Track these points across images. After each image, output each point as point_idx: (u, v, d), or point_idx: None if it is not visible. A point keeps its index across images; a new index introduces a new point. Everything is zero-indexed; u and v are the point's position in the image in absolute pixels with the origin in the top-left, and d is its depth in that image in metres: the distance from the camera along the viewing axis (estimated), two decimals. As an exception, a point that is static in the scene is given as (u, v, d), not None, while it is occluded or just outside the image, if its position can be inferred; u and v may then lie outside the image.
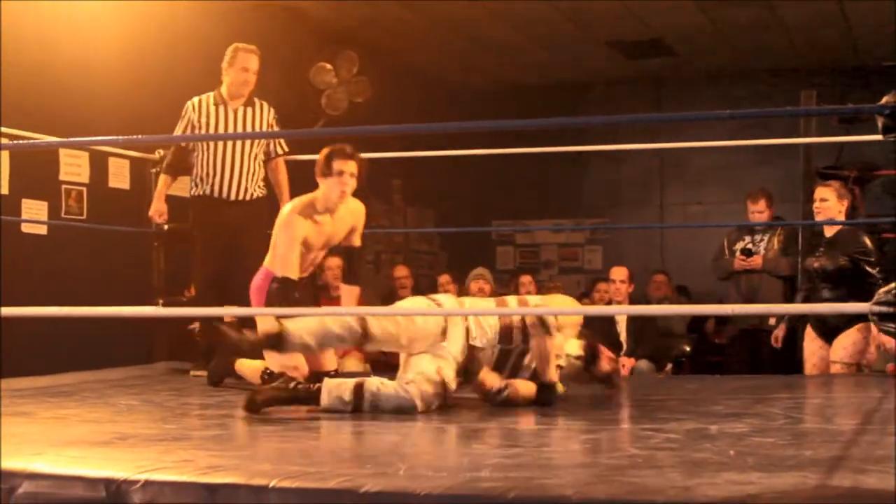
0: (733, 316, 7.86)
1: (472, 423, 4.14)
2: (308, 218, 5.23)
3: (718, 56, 11.05)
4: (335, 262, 8.57)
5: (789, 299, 7.31)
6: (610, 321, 7.94)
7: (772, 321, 7.27)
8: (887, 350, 6.17)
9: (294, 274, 5.17)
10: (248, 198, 6.27)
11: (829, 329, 6.27)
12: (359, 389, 4.39)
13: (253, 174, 6.29)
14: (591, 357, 4.90)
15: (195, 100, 6.29)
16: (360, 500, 2.47)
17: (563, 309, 4.88)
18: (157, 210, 6.42)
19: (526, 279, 9.13)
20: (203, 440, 3.55)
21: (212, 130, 6.22)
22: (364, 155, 7.38)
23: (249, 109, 6.30)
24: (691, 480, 2.54)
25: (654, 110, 11.86)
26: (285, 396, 4.42)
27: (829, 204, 6.31)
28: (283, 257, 5.19)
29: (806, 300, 6.45)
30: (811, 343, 6.40)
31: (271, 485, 2.55)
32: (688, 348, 8.79)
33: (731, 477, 2.58)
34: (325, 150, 5.25)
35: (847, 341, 6.16)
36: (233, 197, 6.23)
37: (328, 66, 9.48)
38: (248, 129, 6.29)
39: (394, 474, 2.71)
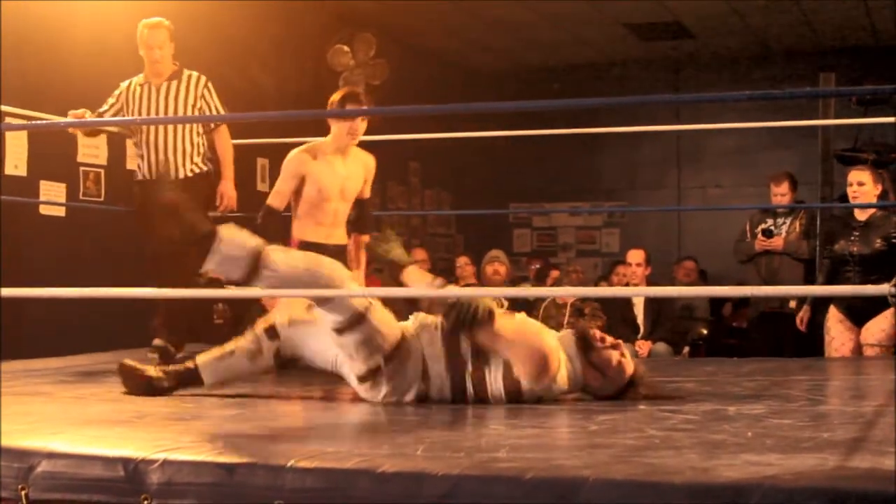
0: (753, 299, 7.83)
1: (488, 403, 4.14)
2: (315, 157, 5.34)
3: (736, 39, 10.99)
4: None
5: (810, 282, 7.27)
6: (627, 304, 7.95)
7: (792, 304, 7.23)
8: None
9: (279, 204, 5.30)
10: (180, 176, 5.97)
11: (861, 313, 6.22)
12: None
13: (184, 152, 6.01)
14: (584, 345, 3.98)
15: (125, 82, 6.09)
16: (377, 481, 2.47)
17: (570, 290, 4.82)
18: (75, 114, 5.85)
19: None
20: (221, 420, 3.56)
21: (135, 112, 5.99)
22: (381, 137, 7.37)
23: (174, 83, 6.03)
24: (709, 461, 2.53)
25: (672, 93, 11.81)
26: (168, 384, 4.18)
27: (867, 188, 6.19)
28: (275, 189, 5.36)
29: (830, 283, 6.39)
30: (838, 325, 6.33)
31: (289, 465, 2.55)
32: (704, 331, 8.78)
33: (750, 458, 2.57)
34: (338, 94, 5.37)
35: (882, 324, 6.12)
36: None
37: (345, 48, 9.47)
38: (173, 103, 5.99)
39: (411, 455, 2.71)
